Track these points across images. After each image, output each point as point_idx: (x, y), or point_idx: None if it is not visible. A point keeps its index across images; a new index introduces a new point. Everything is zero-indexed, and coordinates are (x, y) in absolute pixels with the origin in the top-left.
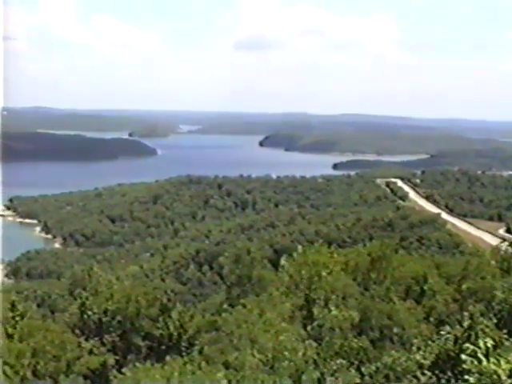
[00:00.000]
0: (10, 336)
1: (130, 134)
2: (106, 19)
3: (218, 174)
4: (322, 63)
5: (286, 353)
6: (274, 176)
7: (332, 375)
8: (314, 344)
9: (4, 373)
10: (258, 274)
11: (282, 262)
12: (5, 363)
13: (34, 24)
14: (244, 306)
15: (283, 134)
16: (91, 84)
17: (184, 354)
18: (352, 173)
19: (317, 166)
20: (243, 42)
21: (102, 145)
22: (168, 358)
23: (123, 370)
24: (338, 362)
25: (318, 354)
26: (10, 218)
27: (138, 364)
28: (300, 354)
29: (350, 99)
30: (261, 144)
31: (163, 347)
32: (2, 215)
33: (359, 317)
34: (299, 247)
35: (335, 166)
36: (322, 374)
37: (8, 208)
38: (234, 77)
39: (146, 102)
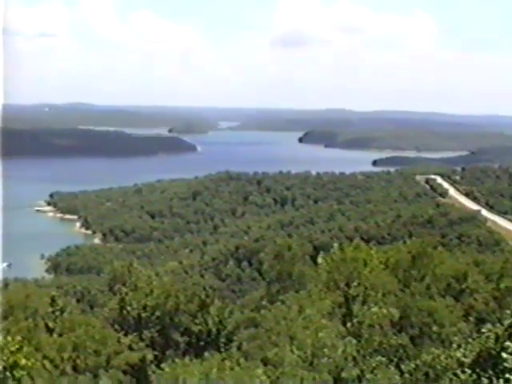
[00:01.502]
0: (50, 330)
1: (170, 131)
2: (144, 15)
3: (257, 171)
4: (360, 60)
5: (326, 350)
6: (313, 172)
7: (371, 372)
8: (354, 341)
9: (44, 366)
10: (298, 270)
11: (320, 258)
12: (45, 357)
13: (74, 21)
14: (283, 302)
15: (322, 131)
16: (130, 80)
17: (222, 349)
18: (391, 169)
19: (356, 162)
20: (282, 39)
21: (142, 141)
22: (206, 353)
23: (162, 365)
24: (377, 359)
25: (357, 351)
26: (51, 214)
27: (176, 360)
28: (339, 350)
29: (389, 96)
30: (300, 140)
31: (202, 343)
32: (40, 210)
33: (399, 314)
34: (335, 244)
35: (375, 163)
36: (362, 371)
37: (48, 204)
38: (273, 73)
39: (185, 98)
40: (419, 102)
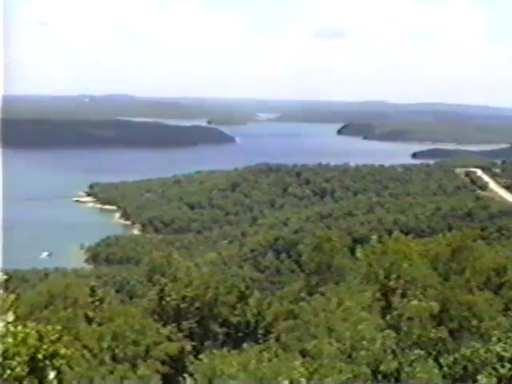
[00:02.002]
0: (89, 320)
1: (209, 122)
2: (184, 6)
3: (296, 163)
4: (400, 52)
5: (365, 342)
6: (352, 165)
7: (410, 365)
8: (393, 334)
9: (83, 356)
10: (337, 262)
11: (358, 251)
12: (84, 346)
13: (114, 12)
14: (322, 294)
15: (361, 123)
16: (170, 72)
17: (261, 341)
18: (431, 162)
19: (395, 154)
20: (322, 30)
21: (181, 132)
22: (245, 345)
23: (200, 356)
24: (416, 352)
25: (396, 343)
26: (90, 204)
27: (214, 351)
28: (378, 343)
29: (429, 88)
30: (339, 132)
31: (240, 334)
32: (79, 201)
33: (438, 307)
34: (374, 237)
35: (414, 155)
36: (400, 364)
37: (88, 194)
38: (312, 65)
39: (224, 89)
40: (459, 94)
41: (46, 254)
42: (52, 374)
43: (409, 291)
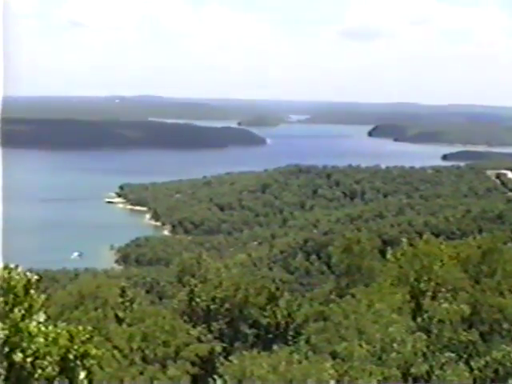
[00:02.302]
0: (120, 320)
1: (239, 123)
2: (215, 7)
3: (326, 164)
4: (430, 53)
5: (395, 344)
6: (382, 166)
7: (441, 368)
8: (424, 336)
9: (113, 356)
10: (367, 264)
11: (389, 253)
12: (114, 347)
13: (144, 14)
14: (353, 296)
15: (392, 124)
16: (200, 72)
17: (291, 343)
18: (462, 164)
19: (426, 156)
20: (352, 31)
21: (212, 133)
22: (275, 346)
23: (230, 357)
24: (446, 355)
25: (427, 346)
26: (121, 205)
27: (244, 352)
28: (409, 346)
29: (460, 89)
30: (370, 134)
31: (270, 335)
32: (110, 202)
33: (469, 310)
34: (404, 239)
35: (445, 157)
36: (431, 366)
37: (119, 195)
38: (343, 66)
39: (255, 91)
40: (491, 95)
41: (76, 254)
42: (82, 374)
43: (439, 294)
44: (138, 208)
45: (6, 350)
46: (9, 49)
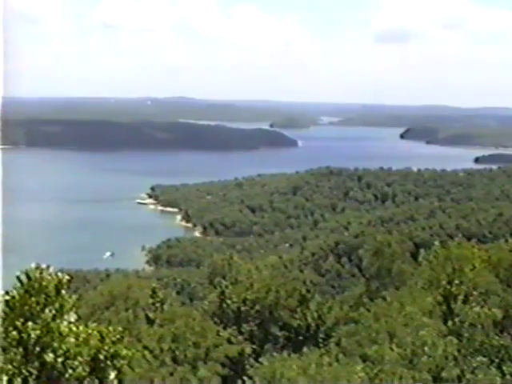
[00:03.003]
0: (150, 321)
1: (271, 125)
2: (246, 9)
3: (358, 166)
4: (462, 55)
5: (426, 348)
6: (414, 169)
7: (472, 373)
8: (455, 340)
9: (144, 357)
10: (398, 267)
11: (421, 256)
12: (145, 347)
13: (176, 15)
14: (384, 299)
15: (424, 127)
16: (232, 74)
17: (321, 345)
18: (494, 167)
19: (458, 159)
20: (384, 34)
21: (243, 135)
22: (305, 349)
23: (260, 359)
24: (478, 359)
25: (458, 350)
26: (152, 206)
27: (274, 354)
28: (440, 349)
29: (492, 92)
30: (401, 136)
31: (300, 338)
32: (141, 203)
33: (501, 314)
34: (436, 242)
35: (477, 160)
36: (462, 371)
37: (150, 196)
38: (374, 69)
39: (286, 93)
40: None
41: (108, 254)
42: (113, 375)
43: (471, 297)
44: (169, 209)
45: (38, 349)
46: (41, 50)
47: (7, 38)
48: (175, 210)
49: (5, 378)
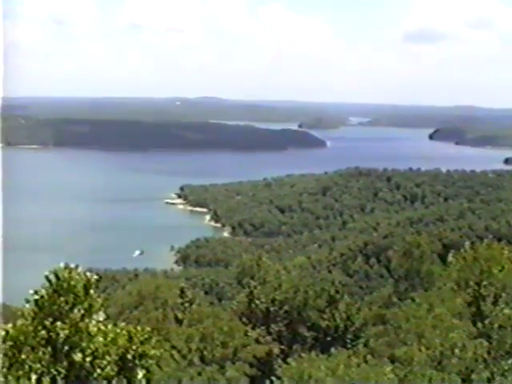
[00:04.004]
0: (179, 321)
1: (300, 126)
2: (274, 9)
3: (387, 167)
4: (491, 56)
5: (456, 350)
6: (443, 170)
7: (502, 375)
8: (485, 342)
9: (172, 356)
10: (426, 268)
11: (450, 257)
12: (173, 347)
13: (204, 16)
14: (413, 300)
15: (453, 128)
16: (261, 74)
17: (349, 346)
18: None
19: (487, 160)
20: (413, 34)
21: (272, 135)
22: (333, 349)
23: (288, 359)
24: (508, 362)
25: (488, 352)
26: (181, 206)
27: (302, 354)
28: (470, 352)
29: None
30: (430, 137)
31: (329, 338)
32: (170, 202)
33: None
34: (466, 243)
35: (506, 161)
36: (492, 373)
37: (179, 196)
38: (403, 69)
39: (315, 93)
40: None
41: (138, 252)
42: (141, 374)
43: (500, 299)
44: (197, 209)
45: (66, 349)
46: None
47: (37, 39)
48: (204, 209)
49: (34, 377)
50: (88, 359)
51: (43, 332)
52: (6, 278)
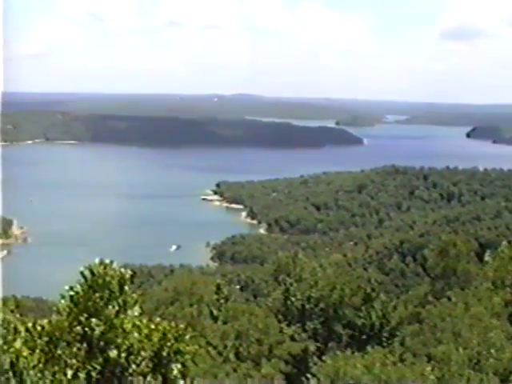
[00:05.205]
0: (214, 317)
1: (337, 123)
2: (311, 7)
3: (423, 165)
4: None
5: (493, 350)
6: (480, 168)
7: None
8: None
9: (207, 353)
10: (463, 267)
11: (487, 256)
12: (208, 343)
13: (241, 13)
14: (449, 299)
15: (491, 126)
16: (298, 71)
17: (385, 344)
18: None
19: None
20: (449, 32)
21: (309, 133)
22: (369, 347)
23: (324, 357)
24: None
25: None
26: (217, 203)
27: (338, 352)
28: (508, 352)
29: None
30: (468, 135)
31: (364, 336)
32: (206, 199)
33: None
34: (503, 242)
35: None
36: None
37: (215, 193)
38: (440, 67)
39: (352, 90)
40: None
41: (175, 247)
42: (176, 370)
43: None
44: (234, 206)
45: (101, 345)
46: (108, 47)
47: (78, 36)
48: (240, 206)
49: (69, 373)
50: (123, 355)
51: (78, 328)
52: (42, 273)
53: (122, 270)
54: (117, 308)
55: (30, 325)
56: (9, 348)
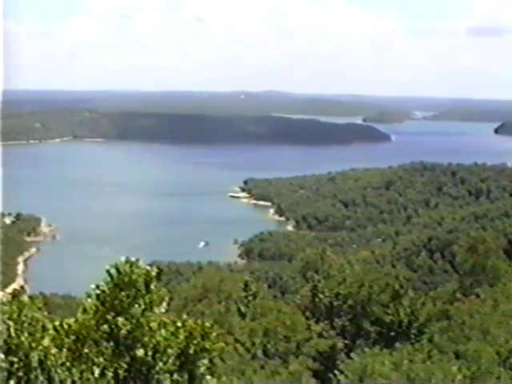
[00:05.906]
0: (242, 314)
1: (364, 120)
2: (338, 2)
3: (451, 162)
4: None
5: None
6: (509, 165)
7: None
8: None
9: (235, 349)
10: (492, 264)
11: None
12: (236, 340)
13: (268, 10)
14: (477, 296)
15: None
16: (325, 68)
17: (413, 341)
18: None
19: None
20: (477, 27)
21: (336, 129)
22: (397, 344)
23: (351, 354)
24: None
25: None
26: (245, 200)
27: (366, 349)
28: None
29: None
30: (496, 131)
31: (392, 333)
32: (234, 196)
33: None
34: None
35: None
36: None
37: (243, 190)
38: (468, 63)
39: (379, 87)
40: None
41: (203, 243)
42: (203, 368)
43: None
44: (261, 203)
45: (128, 343)
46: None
47: (105, 34)
48: (268, 203)
49: (97, 371)
50: (149, 353)
51: (105, 326)
52: (70, 270)
53: (148, 267)
54: (143, 306)
55: (57, 323)
56: (37, 345)
